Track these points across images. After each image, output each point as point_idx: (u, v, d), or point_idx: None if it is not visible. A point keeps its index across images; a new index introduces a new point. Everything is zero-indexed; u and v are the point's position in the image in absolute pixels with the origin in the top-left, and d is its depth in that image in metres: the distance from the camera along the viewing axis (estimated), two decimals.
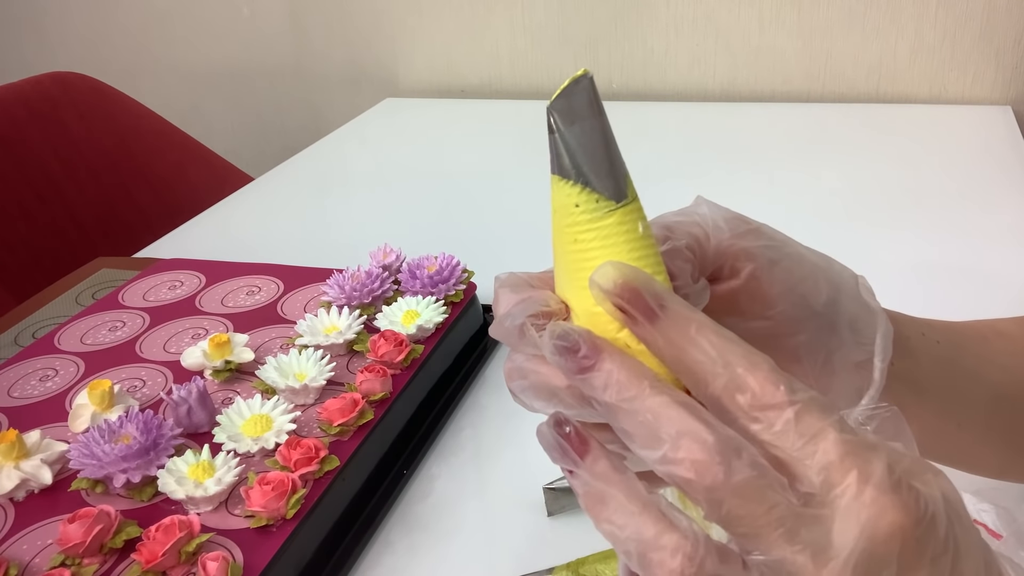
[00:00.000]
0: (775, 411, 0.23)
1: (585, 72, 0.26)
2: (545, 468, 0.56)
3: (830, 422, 0.23)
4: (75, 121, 1.27)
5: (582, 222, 0.26)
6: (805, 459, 0.23)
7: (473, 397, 0.68)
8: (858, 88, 1.30)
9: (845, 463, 0.23)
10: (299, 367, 0.61)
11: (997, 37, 1.21)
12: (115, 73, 1.52)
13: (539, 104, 1.34)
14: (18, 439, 0.54)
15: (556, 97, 0.26)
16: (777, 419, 0.23)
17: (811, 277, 0.33)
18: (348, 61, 1.58)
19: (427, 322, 0.65)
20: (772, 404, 0.23)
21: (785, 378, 0.24)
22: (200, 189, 1.29)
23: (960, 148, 1.10)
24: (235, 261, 0.83)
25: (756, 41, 1.32)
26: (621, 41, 1.39)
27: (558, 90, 0.26)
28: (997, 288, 0.73)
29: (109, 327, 0.73)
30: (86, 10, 1.71)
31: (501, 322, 0.28)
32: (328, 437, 0.55)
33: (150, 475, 0.51)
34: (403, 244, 0.77)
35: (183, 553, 0.46)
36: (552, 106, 0.26)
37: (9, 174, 1.17)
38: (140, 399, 0.62)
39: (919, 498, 0.23)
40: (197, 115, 1.68)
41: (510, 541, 0.54)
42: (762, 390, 0.24)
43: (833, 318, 0.33)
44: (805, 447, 0.23)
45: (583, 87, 0.26)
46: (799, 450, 0.23)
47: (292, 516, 0.49)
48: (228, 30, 1.63)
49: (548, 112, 0.26)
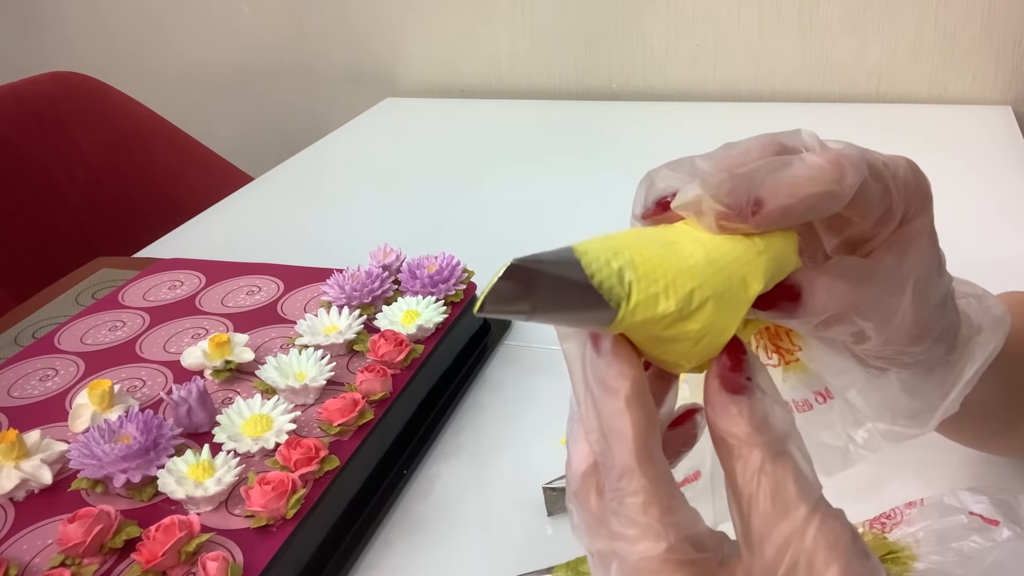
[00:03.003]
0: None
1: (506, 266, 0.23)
2: (545, 468, 0.56)
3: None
4: (75, 121, 1.27)
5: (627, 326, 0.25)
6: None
7: (473, 397, 0.68)
8: (858, 88, 1.30)
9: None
10: (299, 367, 0.61)
11: (997, 37, 1.21)
12: (115, 73, 1.52)
13: (539, 104, 1.35)
14: (18, 439, 0.54)
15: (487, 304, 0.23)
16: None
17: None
18: (348, 61, 1.58)
19: (427, 322, 0.65)
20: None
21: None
22: (200, 189, 1.29)
23: (960, 148, 1.10)
24: (235, 261, 0.83)
25: (756, 41, 1.32)
26: (621, 41, 1.39)
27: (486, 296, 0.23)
28: (999, 289, 0.73)
29: (109, 327, 0.73)
30: (86, 10, 1.71)
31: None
32: (328, 437, 0.55)
33: (150, 475, 0.51)
34: (403, 244, 0.77)
35: (183, 553, 0.46)
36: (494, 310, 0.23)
37: (9, 174, 1.17)
38: (140, 399, 0.62)
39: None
40: (197, 115, 1.68)
41: (510, 541, 0.54)
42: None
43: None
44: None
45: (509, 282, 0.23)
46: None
47: (292, 516, 0.49)
48: (228, 30, 1.63)
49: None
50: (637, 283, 0.24)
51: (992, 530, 0.44)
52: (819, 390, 0.35)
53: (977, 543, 0.43)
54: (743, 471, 0.25)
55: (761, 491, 0.24)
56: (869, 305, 0.29)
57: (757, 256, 0.27)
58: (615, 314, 0.24)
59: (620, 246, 0.25)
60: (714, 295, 0.25)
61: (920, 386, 0.34)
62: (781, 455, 0.25)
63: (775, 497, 0.24)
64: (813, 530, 0.24)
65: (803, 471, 0.25)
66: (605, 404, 0.26)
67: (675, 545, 0.24)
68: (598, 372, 0.26)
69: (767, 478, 0.24)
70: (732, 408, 0.25)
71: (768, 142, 0.28)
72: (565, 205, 1.04)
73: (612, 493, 0.25)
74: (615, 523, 0.25)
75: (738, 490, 0.25)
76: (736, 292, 0.26)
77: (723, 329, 0.26)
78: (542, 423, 0.64)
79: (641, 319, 0.25)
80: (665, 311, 0.25)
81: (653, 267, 0.25)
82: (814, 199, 0.26)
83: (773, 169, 0.26)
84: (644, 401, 0.26)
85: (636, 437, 0.25)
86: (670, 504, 0.25)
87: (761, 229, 0.26)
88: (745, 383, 0.26)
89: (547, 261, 0.24)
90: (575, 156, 1.20)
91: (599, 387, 0.26)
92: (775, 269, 0.27)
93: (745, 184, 0.26)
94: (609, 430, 0.25)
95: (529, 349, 0.73)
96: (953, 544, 0.44)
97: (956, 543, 0.44)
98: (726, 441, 0.25)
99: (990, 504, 0.45)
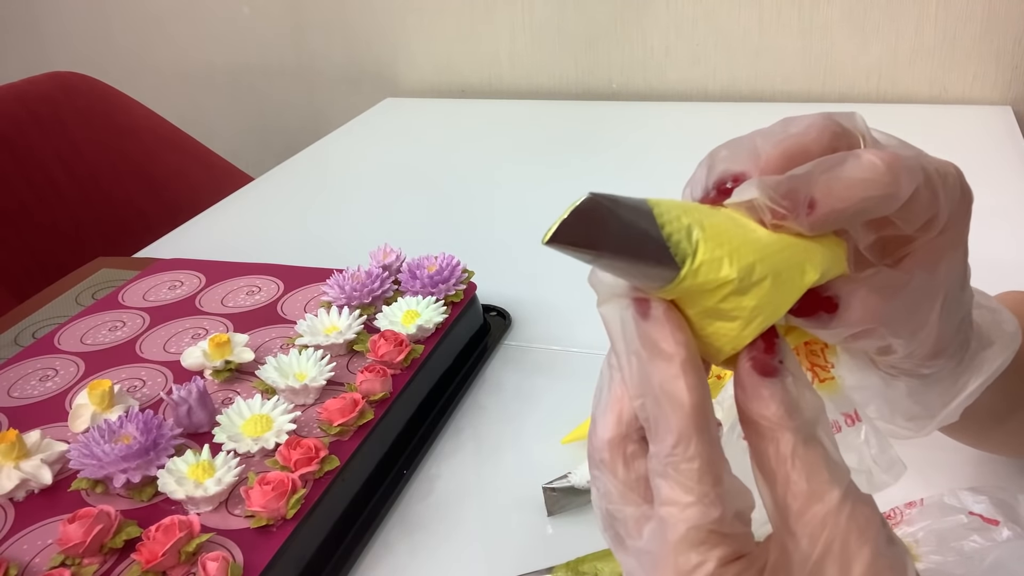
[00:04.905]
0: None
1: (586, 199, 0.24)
2: (545, 468, 0.56)
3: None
4: (75, 121, 1.27)
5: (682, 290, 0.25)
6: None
7: (473, 397, 0.68)
8: (858, 88, 1.30)
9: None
10: (299, 367, 0.61)
11: (997, 37, 1.21)
12: (115, 73, 1.52)
13: (539, 104, 1.35)
14: (18, 439, 0.54)
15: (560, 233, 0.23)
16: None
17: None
18: (348, 61, 1.58)
19: (427, 322, 0.65)
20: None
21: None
22: (200, 189, 1.29)
23: (960, 148, 1.10)
24: (235, 261, 0.83)
25: (756, 41, 1.32)
26: (621, 41, 1.39)
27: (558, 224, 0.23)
28: (998, 289, 0.73)
29: (109, 327, 0.73)
30: (86, 10, 1.71)
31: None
32: (328, 437, 0.55)
33: (150, 475, 0.51)
34: (403, 244, 0.77)
35: (183, 553, 0.46)
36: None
37: (9, 174, 1.17)
38: (140, 399, 0.62)
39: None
40: (197, 115, 1.68)
41: (510, 541, 0.54)
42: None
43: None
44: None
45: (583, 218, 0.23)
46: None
47: (292, 516, 0.49)
48: (228, 30, 1.63)
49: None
50: (705, 242, 0.24)
51: (992, 530, 0.44)
52: (848, 412, 0.35)
53: (977, 543, 0.43)
54: (775, 454, 0.25)
55: (795, 473, 0.24)
56: (900, 321, 0.29)
57: (812, 247, 0.26)
58: (678, 271, 0.24)
59: (690, 208, 0.25)
60: (773, 273, 0.25)
61: (923, 393, 0.34)
62: (811, 440, 0.25)
63: (809, 479, 0.24)
64: (846, 513, 0.24)
65: (832, 456, 0.25)
66: (659, 369, 0.25)
67: (725, 517, 0.24)
68: (648, 336, 0.25)
69: (800, 461, 0.25)
70: (764, 391, 0.25)
71: (827, 124, 0.28)
72: (565, 205, 1.04)
73: (665, 459, 0.25)
74: (665, 488, 0.25)
75: (770, 472, 0.25)
76: (793, 276, 0.26)
77: (774, 312, 0.26)
78: (542, 423, 0.64)
79: (703, 280, 0.24)
80: (727, 277, 0.24)
81: (719, 232, 0.25)
82: (868, 203, 0.26)
83: (827, 168, 0.26)
84: (699, 366, 0.26)
85: (694, 402, 0.25)
86: (722, 475, 0.25)
87: (814, 231, 0.26)
88: (778, 366, 0.26)
89: (622, 201, 0.24)
90: (575, 156, 1.20)
91: (650, 351, 0.25)
92: (827, 265, 0.27)
93: (803, 185, 0.26)
94: (664, 395, 0.25)
95: (529, 349, 0.73)
96: (953, 544, 0.44)
97: (956, 543, 0.44)
98: (758, 423, 0.25)
99: (990, 504, 0.45)
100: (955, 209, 0.29)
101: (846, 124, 0.28)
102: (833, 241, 0.28)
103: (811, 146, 0.28)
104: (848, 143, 0.28)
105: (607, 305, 0.27)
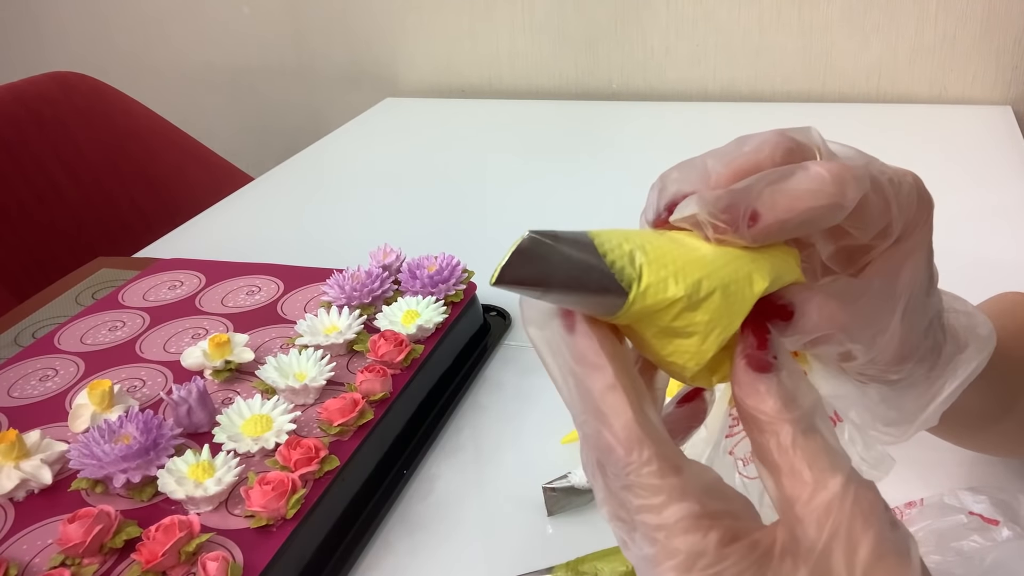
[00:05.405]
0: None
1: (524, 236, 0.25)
2: (545, 468, 0.56)
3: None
4: (75, 121, 1.27)
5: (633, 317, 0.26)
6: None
7: (473, 397, 0.68)
8: (858, 88, 1.30)
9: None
10: (299, 367, 0.61)
11: (997, 37, 1.21)
12: (115, 73, 1.52)
13: (539, 104, 1.34)
14: (18, 439, 0.54)
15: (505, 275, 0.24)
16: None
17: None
18: (348, 61, 1.58)
19: (427, 322, 0.65)
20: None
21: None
22: (200, 189, 1.29)
23: (960, 148, 1.10)
24: (235, 261, 0.83)
25: (756, 41, 1.32)
26: (621, 41, 1.39)
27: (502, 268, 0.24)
28: (998, 289, 0.73)
29: (109, 327, 0.73)
30: (86, 10, 1.71)
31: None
32: (328, 437, 0.55)
33: (150, 475, 0.51)
34: (403, 244, 0.77)
35: (183, 553, 0.46)
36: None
37: (9, 174, 1.17)
38: (140, 399, 0.62)
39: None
40: (197, 115, 1.68)
41: (510, 541, 0.54)
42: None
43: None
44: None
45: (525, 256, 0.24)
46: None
47: (292, 516, 0.49)
48: (228, 30, 1.63)
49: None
50: (648, 265, 0.25)
51: (992, 530, 0.44)
52: (829, 414, 0.35)
53: (977, 543, 0.43)
54: (776, 446, 0.25)
55: (797, 463, 0.25)
56: (859, 326, 0.29)
57: (759, 257, 0.27)
58: (626, 296, 0.25)
59: (631, 234, 0.26)
60: (721, 286, 0.26)
61: (898, 399, 0.35)
62: (811, 430, 0.25)
63: (811, 468, 0.25)
64: (850, 499, 0.24)
65: (832, 445, 0.25)
66: (594, 382, 0.26)
67: (702, 498, 0.25)
68: (577, 350, 0.26)
69: (801, 451, 0.25)
70: (760, 386, 0.26)
71: (780, 140, 0.28)
72: (565, 205, 1.04)
73: (623, 471, 0.25)
74: (634, 499, 0.25)
75: (774, 464, 0.25)
76: (742, 287, 0.26)
77: (728, 324, 0.26)
78: (542, 423, 0.64)
79: (652, 302, 0.25)
80: (675, 295, 0.25)
81: (662, 254, 0.25)
82: (813, 213, 0.26)
83: (773, 181, 0.26)
84: (631, 371, 0.26)
85: (635, 407, 0.25)
86: (679, 464, 0.25)
87: (757, 242, 0.27)
88: (771, 361, 0.26)
89: (562, 236, 0.24)
90: (575, 156, 1.20)
91: (581, 364, 0.26)
92: (777, 273, 0.27)
93: (742, 198, 0.26)
94: (605, 407, 0.25)
95: (529, 349, 0.73)
96: (953, 544, 0.44)
97: (956, 543, 0.44)
98: (756, 419, 0.26)
99: (990, 504, 0.45)
100: (913, 216, 0.29)
101: (800, 139, 0.29)
102: (783, 250, 0.28)
103: (764, 163, 0.28)
104: (802, 157, 0.28)
105: (534, 326, 0.27)
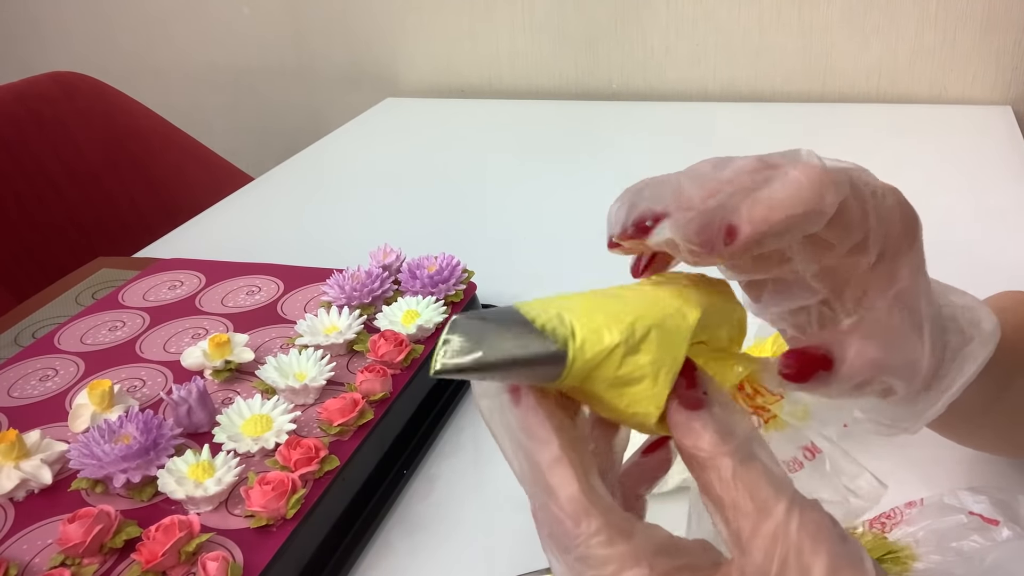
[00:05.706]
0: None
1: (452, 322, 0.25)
2: None
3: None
4: (75, 121, 1.27)
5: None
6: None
7: (473, 397, 0.68)
8: (858, 88, 1.30)
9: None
10: (299, 367, 0.61)
11: (997, 37, 1.21)
12: (115, 73, 1.52)
13: (539, 104, 1.34)
14: (18, 439, 0.54)
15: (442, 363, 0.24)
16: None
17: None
18: (348, 61, 1.58)
19: (427, 322, 0.65)
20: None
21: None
22: (200, 189, 1.29)
23: (960, 148, 1.10)
24: (235, 261, 0.83)
25: (756, 41, 1.32)
26: (621, 41, 1.39)
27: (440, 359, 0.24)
28: (998, 288, 0.73)
29: (109, 327, 0.73)
30: (86, 10, 1.71)
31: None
32: (328, 437, 0.55)
33: (150, 475, 0.51)
34: (403, 244, 0.77)
35: (183, 553, 0.46)
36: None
37: (9, 174, 1.17)
38: (140, 399, 0.62)
39: None
40: (197, 115, 1.68)
41: (510, 541, 0.54)
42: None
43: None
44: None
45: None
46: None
47: (292, 516, 0.49)
48: (228, 30, 1.63)
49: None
50: (578, 320, 0.25)
51: (992, 530, 0.44)
52: (805, 445, 0.35)
53: (977, 543, 0.43)
54: (718, 481, 0.25)
55: (739, 495, 0.25)
56: (896, 362, 0.29)
57: (685, 291, 0.28)
58: (566, 357, 0.25)
59: (554, 299, 0.26)
60: (655, 324, 0.26)
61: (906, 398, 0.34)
62: (749, 458, 0.25)
63: (754, 498, 0.25)
64: (795, 523, 0.24)
65: (772, 470, 0.25)
66: (541, 455, 0.26)
67: (654, 561, 0.25)
68: (524, 425, 0.26)
69: (742, 483, 0.25)
70: (695, 424, 0.26)
71: (759, 167, 0.28)
72: (565, 205, 1.04)
73: (573, 542, 0.25)
74: (588, 569, 0.25)
75: (717, 499, 0.25)
76: (676, 321, 0.27)
77: (673, 361, 0.26)
78: None
79: (591, 355, 0.25)
80: (612, 342, 0.25)
81: (589, 308, 0.26)
82: (793, 220, 0.26)
83: (747, 193, 0.26)
84: (577, 443, 0.26)
85: (580, 479, 0.25)
86: (629, 529, 0.25)
87: (736, 258, 0.26)
88: (702, 397, 0.26)
89: (489, 313, 0.25)
90: (575, 156, 1.20)
91: (529, 436, 0.26)
92: (708, 302, 0.28)
93: (715, 218, 0.26)
94: (552, 480, 0.25)
95: None
96: (953, 544, 0.44)
97: (956, 543, 0.44)
98: (696, 456, 0.26)
99: (990, 504, 0.45)
100: (896, 233, 0.29)
101: (782, 164, 0.28)
102: (708, 281, 0.29)
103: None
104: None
105: (484, 398, 0.28)
